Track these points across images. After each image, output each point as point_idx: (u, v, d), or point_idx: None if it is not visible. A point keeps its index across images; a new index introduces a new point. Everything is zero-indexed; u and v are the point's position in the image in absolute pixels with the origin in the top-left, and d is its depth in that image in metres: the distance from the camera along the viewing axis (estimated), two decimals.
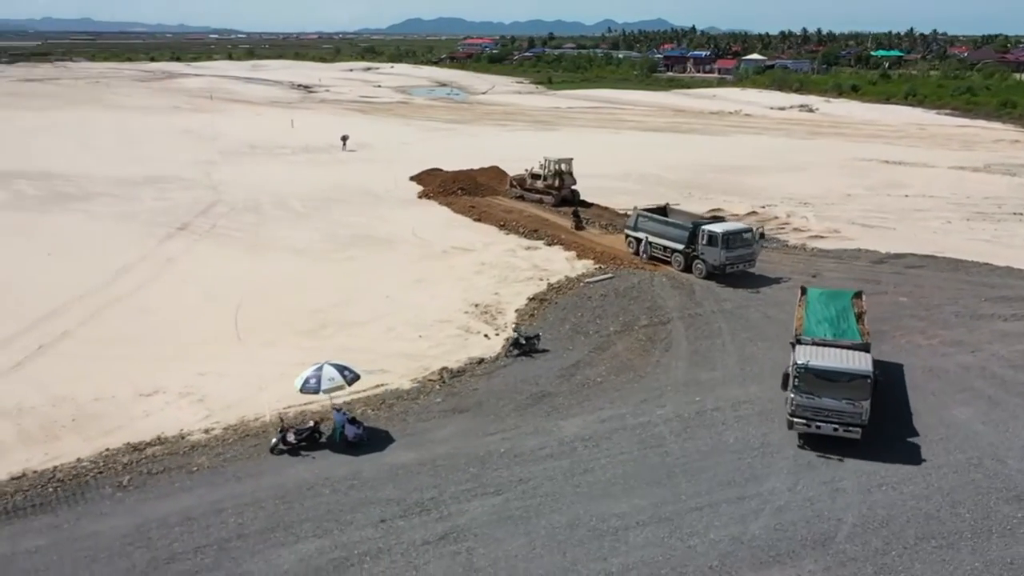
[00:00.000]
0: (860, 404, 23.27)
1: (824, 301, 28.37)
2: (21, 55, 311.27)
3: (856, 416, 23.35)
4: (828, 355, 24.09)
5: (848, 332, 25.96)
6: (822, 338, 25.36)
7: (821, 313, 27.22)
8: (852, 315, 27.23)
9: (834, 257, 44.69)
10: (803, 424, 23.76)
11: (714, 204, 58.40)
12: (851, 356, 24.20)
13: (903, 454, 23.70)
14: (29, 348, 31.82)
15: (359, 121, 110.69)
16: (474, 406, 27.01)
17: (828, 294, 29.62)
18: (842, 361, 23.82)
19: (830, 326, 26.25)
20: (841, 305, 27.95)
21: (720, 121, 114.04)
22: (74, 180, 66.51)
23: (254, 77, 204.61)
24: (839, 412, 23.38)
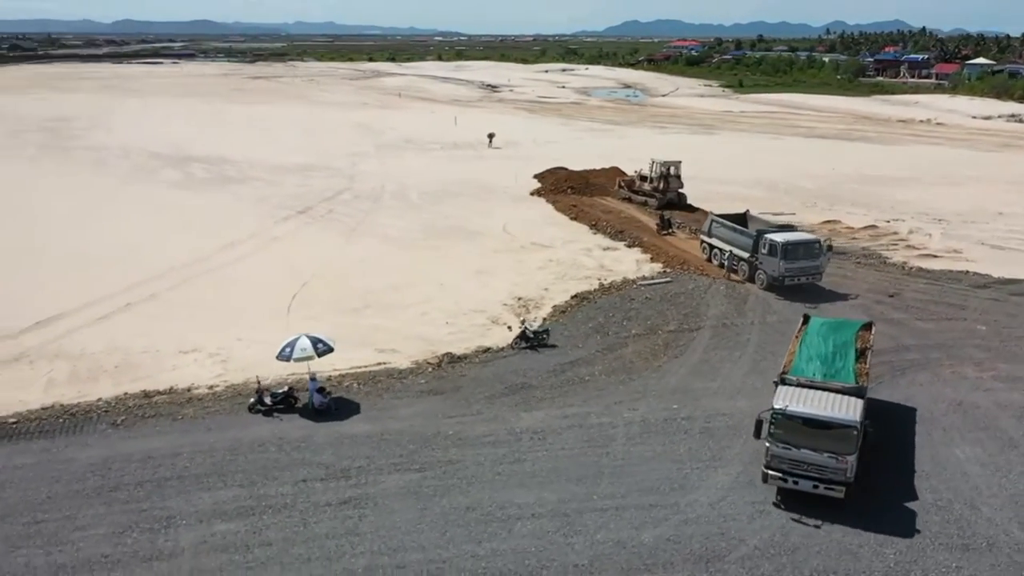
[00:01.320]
0: (844, 459, 20.22)
1: (824, 333, 25.27)
2: (263, 55, 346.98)
3: (839, 472, 20.28)
4: (811, 400, 21.15)
5: (841, 373, 22.54)
6: (809, 379, 22.16)
7: (816, 348, 24.23)
8: (852, 352, 24.02)
9: (930, 278, 40.89)
10: (779, 478, 20.94)
11: (834, 215, 55.22)
12: (838, 402, 21.10)
13: (865, 487, 21.86)
14: (118, 305, 36.78)
15: (521, 120, 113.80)
16: (451, 390, 28.08)
17: (831, 325, 26.45)
18: (826, 408, 20.81)
19: (822, 364, 23.15)
20: (842, 339, 24.76)
21: (903, 130, 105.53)
22: (240, 166, 74.28)
23: (451, 77, 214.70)
24: (820, 467, 20.40)
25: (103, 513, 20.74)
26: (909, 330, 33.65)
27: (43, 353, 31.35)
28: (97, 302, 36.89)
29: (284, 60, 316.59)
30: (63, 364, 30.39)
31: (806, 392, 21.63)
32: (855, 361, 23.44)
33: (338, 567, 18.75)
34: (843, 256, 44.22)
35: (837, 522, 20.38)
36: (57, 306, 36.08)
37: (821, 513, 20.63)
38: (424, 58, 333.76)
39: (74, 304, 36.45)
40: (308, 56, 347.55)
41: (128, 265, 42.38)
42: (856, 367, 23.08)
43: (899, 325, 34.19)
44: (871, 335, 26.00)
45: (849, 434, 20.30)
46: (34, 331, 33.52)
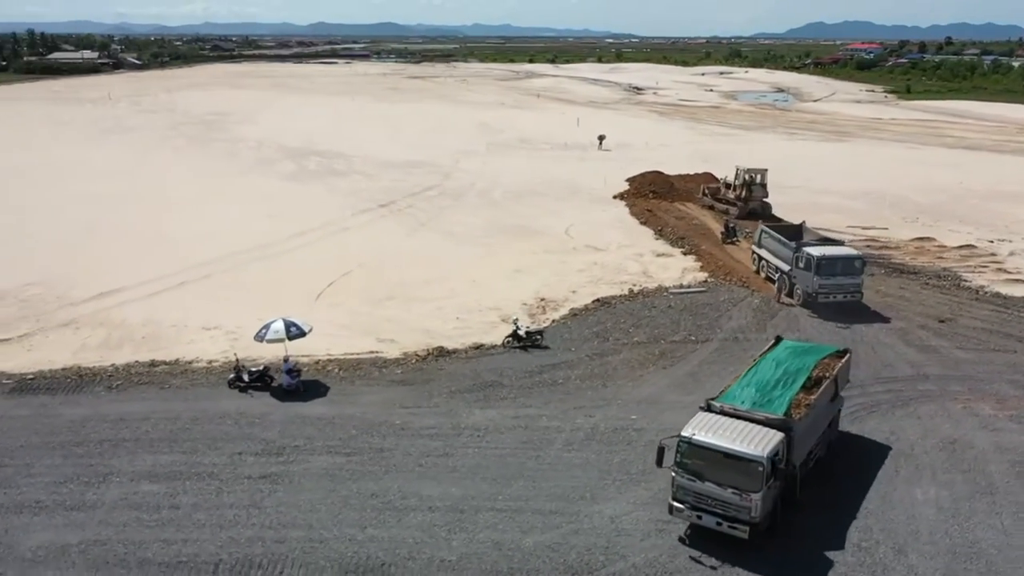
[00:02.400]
0: (748, 496, 18.63)
1: (782, 359, 23.57)
2: (430, 56, 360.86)
3: (743, 510, 18.76)
4: (722, 429, 19.53)
5: (774, 403, 20.74)
6: (734, 406, 20.58)
7: (764, 373, 22.61)
8: (800, 381, 22.13)
9: (1002, 305, 37.10)
10: (684, 512, 19.60)
11: (934, 232, 50.99)
12: (752, 434, 19.32)
13: (793, 523, 20.44)
14: (174, 282, 40.11)
15: (647, 123, 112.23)
16: (421, 382, 28.70)
17: (797, 349, 24.62)
18: (735, 439, 19.11)
19: (757, 392, 21.51)
20: (797, 366, 22.94)
21: None
22: (352, 160, 78.14)
23: (600, 79, 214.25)
24: (724, 503, 19.01)
25: (57, 464, 23.01)
26: (940, 359, 30.77)
27: (90, 320, 34.82)
28: (158, 279, 40.34)
29: (448, 61, 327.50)
30: (101, 331, 33.65)
31: (722, 421, 20.12)
32: (799, 391, 21.79)
33: (224, 535, 19.86)
34: (912, 276, 41.01)
35: (739, 565, 19.09)
36: (122, 280, 39.82)
37: (728, 554, 19.23)
38: (585, 60, 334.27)
39: (137, 279, 40.06)
40: (472, 57, 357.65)
41: (202, 247, 45.94)
42: (796, 398, 21.44)
43: (931, 353, 31.36)
44: (840, 364, 24.08)
45: (754, 470, 18.62)
46: (94, 300, 37.23)
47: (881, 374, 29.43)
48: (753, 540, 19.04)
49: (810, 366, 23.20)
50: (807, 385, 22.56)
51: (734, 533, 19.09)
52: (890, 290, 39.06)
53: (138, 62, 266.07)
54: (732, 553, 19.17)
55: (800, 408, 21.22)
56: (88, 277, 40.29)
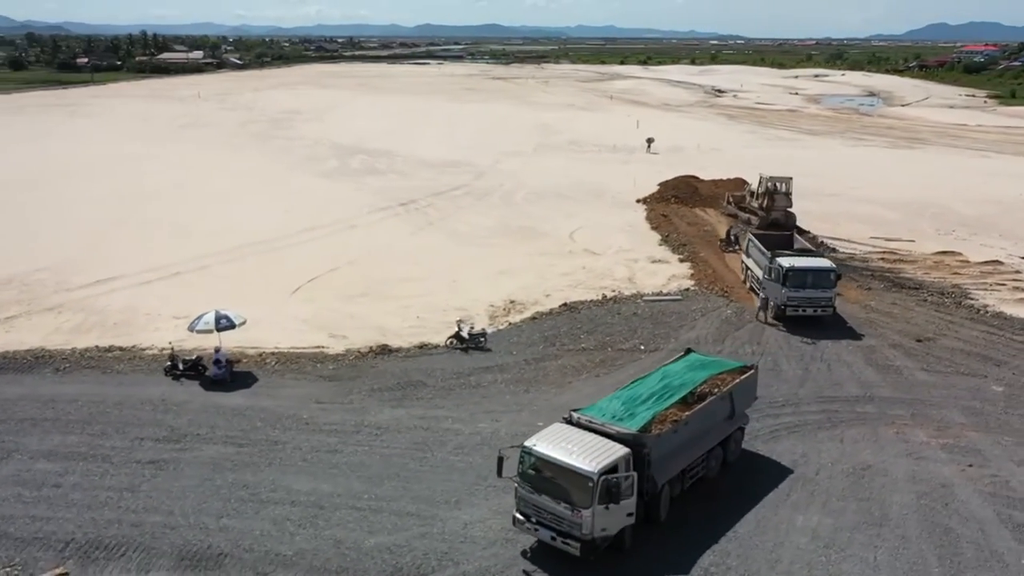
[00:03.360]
0: (579, 512, 18.00)
1: (674, 372, 22.86)
2: (523, 57, 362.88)
3: (575, 526, 18.11)
4: (565, 441, 18.92)
5: (634, 418, 20.01)
6: (591, 418, 19.97)
7: (644, 386, 21.91)
8: (677, 396, 21.29)
9: (996, 327, 34.63)
10: (524, 523, 19.03)
11: (966, 247, 48.07)
12: (592, 448, 18.63)
13: (648, 542, 19.73)
14: (169, 272, 41.84)
15: (711, 126, 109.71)
16: (348, 378, 29.02)
17: (696, 364, 23.71)
18: (571, 452, 18.44)
19: (623, 405, 20.80)
20: (682, 381, 22.10)
21: None
22: (394, 159, 79.49)
23: (684, 81, 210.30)
24: (558, 517, 18.44)
25: None
26: (897, 380, 28.97)
27: (74, 305, 36.75)
28: (156, 269, 42.20)
29: (539, 63, 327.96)
30: (79, 316, 35.48)
31: (571, 433, 19.55)
32: (672, 407, 20.95)
33: (88, 516, 20.65)
34: (913, 291, 38.82)
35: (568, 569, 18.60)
36: (123, 268, 41.82)
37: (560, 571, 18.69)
38: (679, 62, 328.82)
39: (138, 268, 42.00)
40: (565, 59, 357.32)
41: (213, 239, 47.75)
42: (662, 414, 20.62)
43: (890, 373, 29.55)
44: (736, 380, 22.98)
45: (585, 485, 17.96)
46: (88, 287, 39.27)
47: (824, 393, 27.92)
48: (586, 557, 18.42)
49: (696, 381, 22.34)
50: (688, 401, 21.66)
51: (567, 549, 18.52)
52: (881, 305, 36.96)
53: (239, 62, 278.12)
54: (566, 570, 18.60)
55: (663, 424, 20.36)
56: (94, 265, 42.53)
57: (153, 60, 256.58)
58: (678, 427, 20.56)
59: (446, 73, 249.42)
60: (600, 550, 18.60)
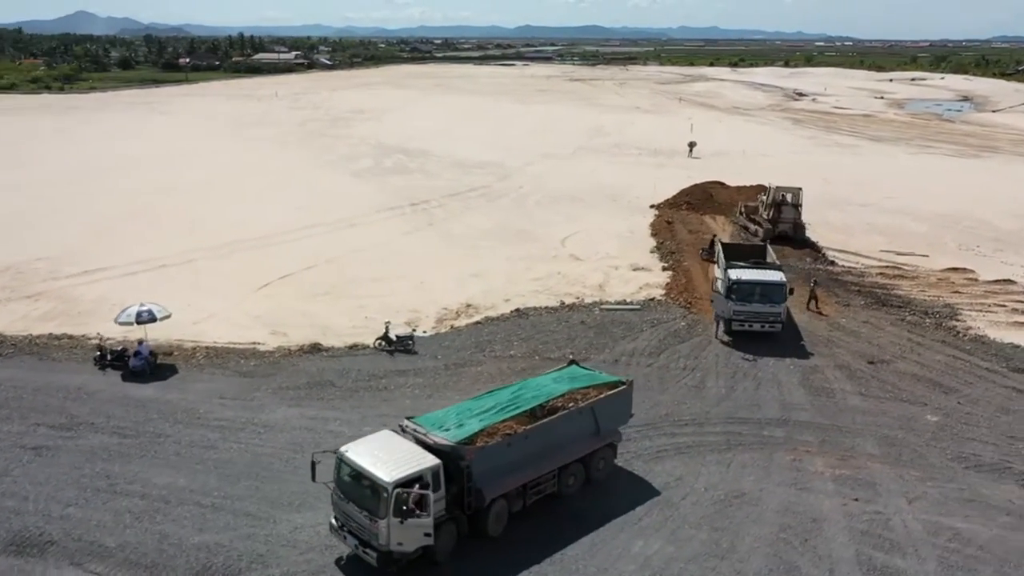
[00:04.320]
0: (376, 521, 17.69)
1: (534, 384, 22.25)
2: (609, 59, 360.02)
3: (373, 536, 17.82)
4: (379, 449, 18.66)
5: (460, 428, 19.47)
6: (416, 427, 19.72)
7: (493, 397, 21.42)
8: (522, 409, 20.58)
9: (965, 350, 32.28)
10: (337, 531, 18.92)
11: (985, 263, 45.02)
12: (400, 458, 18.23)
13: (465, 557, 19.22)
14: (154, 266, 43.34)
15: (770, 130, 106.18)
16: (263, 375, 29.35)
17: (566, 377, 22.95)
18: (377, 461, 18.07)
19: (456, 416, 20.23)
20: (537, 393, 21.43)
21: None
22: (428, 159, 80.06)
23: (768, 83, 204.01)
24: (360, 526, 18.22)
25: None
26: (825, 404, 27.26)
27: (52, 295, 38.50)
28: (146, 260, 43.76)
29: (626, 64, 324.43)
30: (51, 305, 37.17)
31: (390, 440, 19.28)
32: (508, 419, 20.26)
33: None
34: (894, 309, 36.55)
35: None
36: (115, 260, 43.59)
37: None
38: (773, 63, 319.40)
39: (129, 260, 43.67)
40: (654, 60, 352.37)
41: (212, 234, 49.22)
42: (495, 426, 19.94)
43: (822, 396, 27.84)
44: (601, 396, 22.01)
45: (380, 495, 17.61)
46: (74, 277, 41.08)
47: (737, 414, 26.47)
48: (383, 569, 18.03)
49: (552, 395, 21.55)
50: (536, 414, 20.91)
51: (366, 558, 18.20)
52: (851, 323, 34.84)
53: (328, 63, 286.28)
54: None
55: (492, 437, 19.69)
56: (90, 256, 44.45)
57: (248, 60, 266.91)
58: (511, 440, 19.81)
59: (527, 74, 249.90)
60: (401, 563, 18.15)
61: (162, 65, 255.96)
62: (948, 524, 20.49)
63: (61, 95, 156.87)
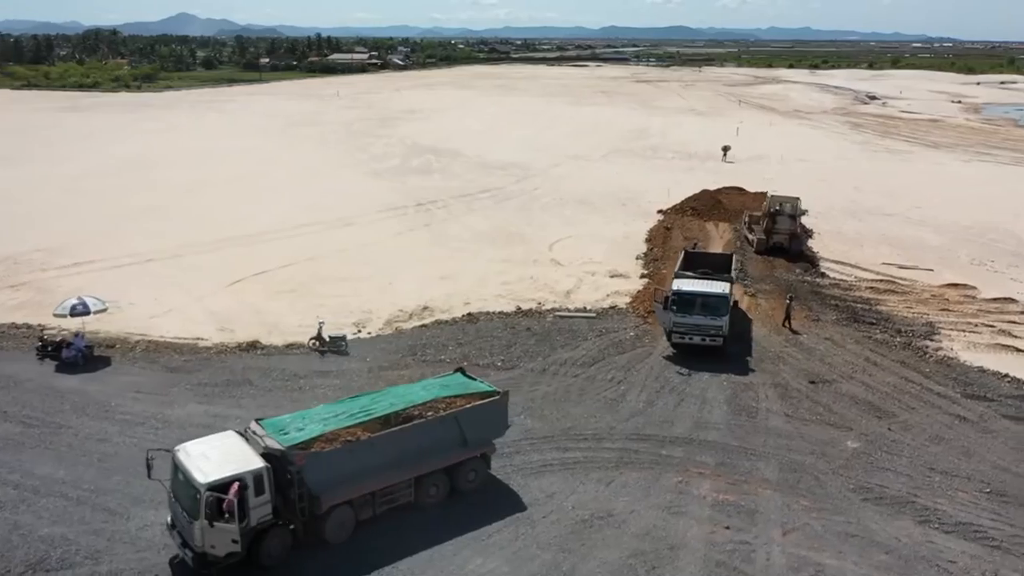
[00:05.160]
0: (192, 523, 17.50)
1: (399, 392, 22.05)
2: (686, 60, 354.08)
3: (190, 536, 17.71)
4: (213, 450, 18.50)
5: (300, 432, 19.28)
6: (255, 429, 19.67)
7: (351, 403, 21.24)
8: (374, 415, 20.25)
9: (920, 372, 30.34)
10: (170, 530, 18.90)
11: (995, 279, 42.46)
12: (225, 459, 18.07)
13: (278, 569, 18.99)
14: (142, 259, 44.56)
15: (816, 135, 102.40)
16: (188, 371, 29.71)
17: (440, 384, 22.53)
18: (201, 462, 17.95)
19: (302, 420, 20.03)
20: (393, 400, 21.14)
21: None
22: (455, 160, 80.00)
23: (841, 87, 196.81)
24: (183, 525, 18.14)
25: None
26: (743, 425, 25.95)
27: (33, 285, 39.96)
28: (136, 254, 45.03)
29: (701, 65, 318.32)
30: (28, 295, 38.60)
31: (226, 441, 19.16)
32: (351, 426, 19.89)
33: None
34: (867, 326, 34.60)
35: None
36: (106, 253, 45.04)
37: None
38: (858, 66, 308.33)
39: (118, 253, 45.07)
40: (731, 62, 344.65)
41: (210, 229, 50.36)
42: (335, 432, 19.57)
43: (743, 416, 26.59)
44: (469, 406, 21.41)
45: (195, 496, 17.49)
46: (62, 268, 42.60)
47: (643, 431, 25.40)
48: (199, 569, 17.94)
49: (413, 402, 21.07)
50: (393, 421, 20.48)
51: (185, 557, 18.18)
52: (811, 339, 33.09)
53: (401, 63, 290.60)
54: None
55: (332, 443, 19.32)
56: (87, 248, 46.04)
57: (323, 61, 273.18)
58: (352, 447, 19.42)
59: (595, 76, 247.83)
60: (219, 566, 17.99)
61: (243, 65, 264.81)
62: (815, 560, 19.08)
63: (137, 94, 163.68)
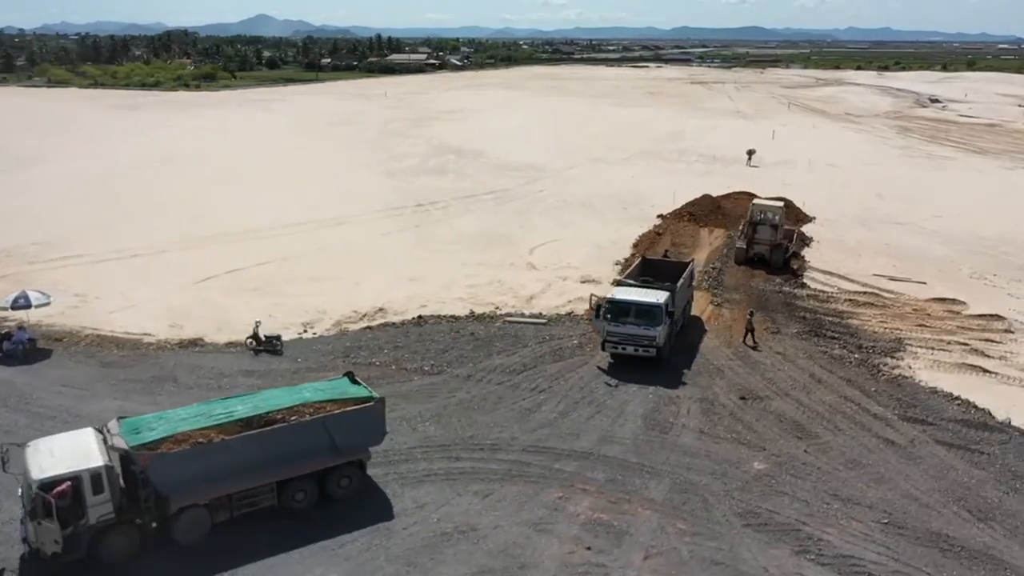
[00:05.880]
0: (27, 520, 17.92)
1: (270, 394, 21.89)
2: (749, 61, 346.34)
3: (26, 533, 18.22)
4: (57, 447, 18.62)
5: (151, 432, 19.31)
6: (107, 428, 19.73)
7: (220, 404, 21.11)
8: (234, 418, 20.17)
9: (864, 392, 28.56)
10: None
11: (992, 294, 40.06)
12: (65, 457, 18.17)
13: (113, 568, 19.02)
14: (127, 255, 45.65)
15: (857, 139, 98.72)
16: (119, 367, 30.12)
17: (315, 388, 22.38)
18: (44, 457, 18.17)
19: (158, 419, 20.00)
20: (257, 403, 21.01)
21: None
22: (475, 161, 79.86)
23: (904, 89, 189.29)
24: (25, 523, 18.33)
25: None
26: (651, 441, 24.99)
27: (12, 278, 40.83)
28: (123, 249, 46.13)
29: (765, 67, 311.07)
30: (5, 287, 39.61)
31: (78, 439, 19.19)
32: (206, 427, 19.80)
33: None
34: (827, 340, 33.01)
35: None
36: (95, 247, 46.27)
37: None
38: (931, 68, 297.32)
39: (106, 248, 46.26)
40: (796, 63, 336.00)
41: (203, 225, 51.35)
42: (187, 433, 19.48)
43: (654, 432, 25.62)
44: (339, 411, 21.12)
45: (30, 494, 17.59)
46: (49, 261, 43.90)
47: (545, 443, 24.65)
48: (33, 564, 18.13)
49: (278, 406, 20.87)
50: (255, 424, 20.32)
51: (24, 551, 18.52)
52: (761, 353, 31.76)
53: (458, 63, 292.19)
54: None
55: (181, 444, 19.23)
56: (81, 242, 47.36)
57: (382, 61, 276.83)
58: (204, 449, 19.30)
59: (651, 76, 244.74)
60: (60, 562, 18.10)
61: (305, 65, 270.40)
62: None
63: (194, 93, 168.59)
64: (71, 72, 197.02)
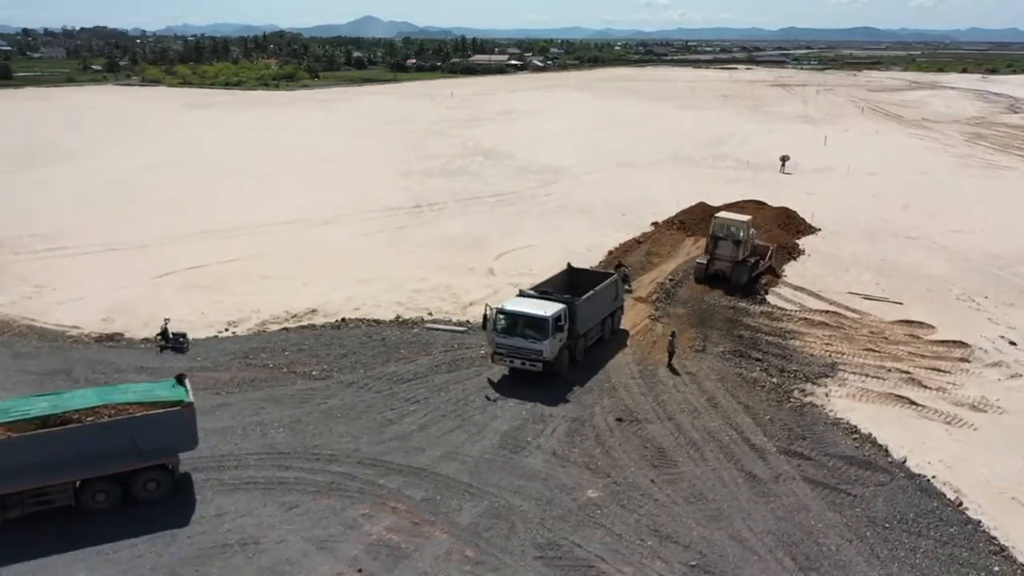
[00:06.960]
0: None
1: (83, 394, 21.87)
2: (851, 63, 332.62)
3: None
4: None
5: None
6: None
7: (20, 403, 21.26)
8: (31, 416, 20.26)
9: (757, 421, 26.42)
10: None
11: (973, 318, 37.01)
12: None
13: None
14: (106, 248, 47.14)
15: (916, 145, 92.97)
16: (25, 358, 30.98)
17: (120, 390, 22.29)
18: None
19: None
20: (64, 403, 20.94)
21: None
22: (499, 163, 79.29)
23: (1002, 94, 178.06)
24: None
25: None
26: (493, 461, 23.91)
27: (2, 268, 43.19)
28: (108, 243, 47.82)
29: (860, 69, 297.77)
30: None
31: None
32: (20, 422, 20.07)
33: None
34: (750, 361, 30.95)
35: None
36: (82, 240, 48.13)
37: None
38: None
39: (94, 240, 48.06)
40: (897, 66, 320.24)
41: (196, 221, 52.72)
42: None
43: (504, 451, 24.49)
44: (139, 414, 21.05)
45: None
46: (39, 252, 45.87)
47: (383, 457, 23.94)
48: None
49: (79, 406, 20.95)
50: (51, 424, 20.43)
51: None
52: (667, 373, 30.00)
53: (540, 64, 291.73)
54: None
55: None
56: (74, 236, 49.32)
57: (464, 62, 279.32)
58: None
59: (734, 78, 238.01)
60: None
61: (391, 66, 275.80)
62: None
63: (272, 92, 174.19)
64: (164, 72, 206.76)
